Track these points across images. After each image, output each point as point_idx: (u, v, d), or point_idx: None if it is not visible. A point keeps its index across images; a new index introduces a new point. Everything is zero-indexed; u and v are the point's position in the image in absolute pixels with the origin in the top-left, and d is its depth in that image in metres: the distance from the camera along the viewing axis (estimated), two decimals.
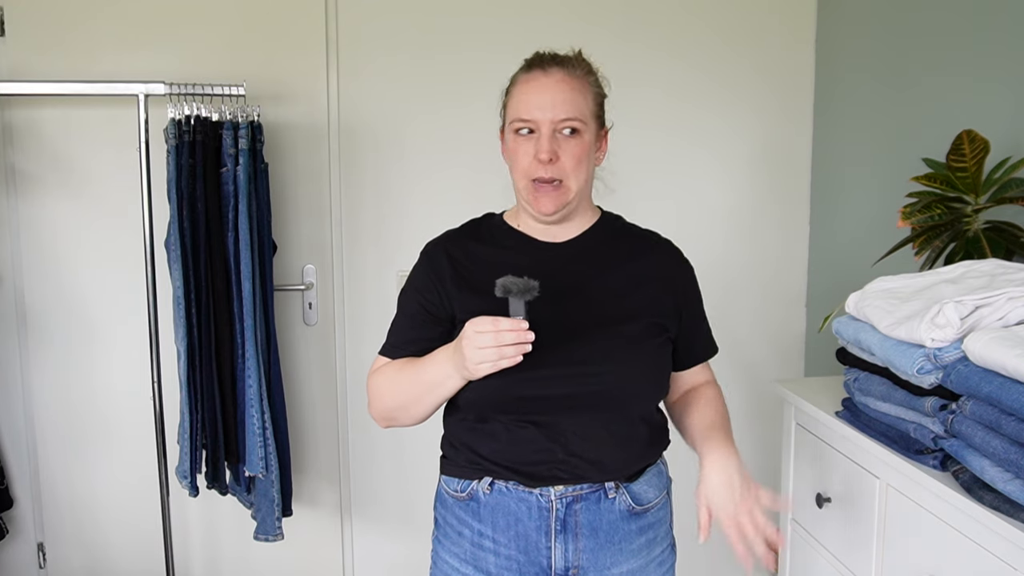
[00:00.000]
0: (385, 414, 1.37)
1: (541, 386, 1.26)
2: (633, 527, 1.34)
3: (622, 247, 1.39)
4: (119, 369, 2.44)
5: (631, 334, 1.30)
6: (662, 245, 1.43)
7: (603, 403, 1.28)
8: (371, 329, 2.55)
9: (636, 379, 1.30)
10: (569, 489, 1.29)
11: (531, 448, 1.29)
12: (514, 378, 1.21)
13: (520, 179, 1.32)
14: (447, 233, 1.45)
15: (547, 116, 1.27)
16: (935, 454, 1.32)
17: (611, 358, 1.28)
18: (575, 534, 1.31)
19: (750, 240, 2.64)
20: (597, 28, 2.47)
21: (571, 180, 1.30)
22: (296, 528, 2.48)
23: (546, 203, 1.30)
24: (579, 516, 1.30)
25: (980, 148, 1.60)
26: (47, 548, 2.51)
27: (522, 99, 1.30)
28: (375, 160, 2.49)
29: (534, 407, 1.27)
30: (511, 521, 1.31)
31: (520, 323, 1.15)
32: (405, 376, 1.33)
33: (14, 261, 2.39)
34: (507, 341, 1.14)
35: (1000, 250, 1.55)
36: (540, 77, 1.30)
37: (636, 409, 1.33)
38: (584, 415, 1.28)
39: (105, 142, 2.35)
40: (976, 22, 1.89)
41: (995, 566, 1.16)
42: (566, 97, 1.28)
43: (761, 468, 2.70)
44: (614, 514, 1.32)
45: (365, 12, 2.43)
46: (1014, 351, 1.12)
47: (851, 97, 2.41)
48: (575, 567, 1.32)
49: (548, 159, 1.27)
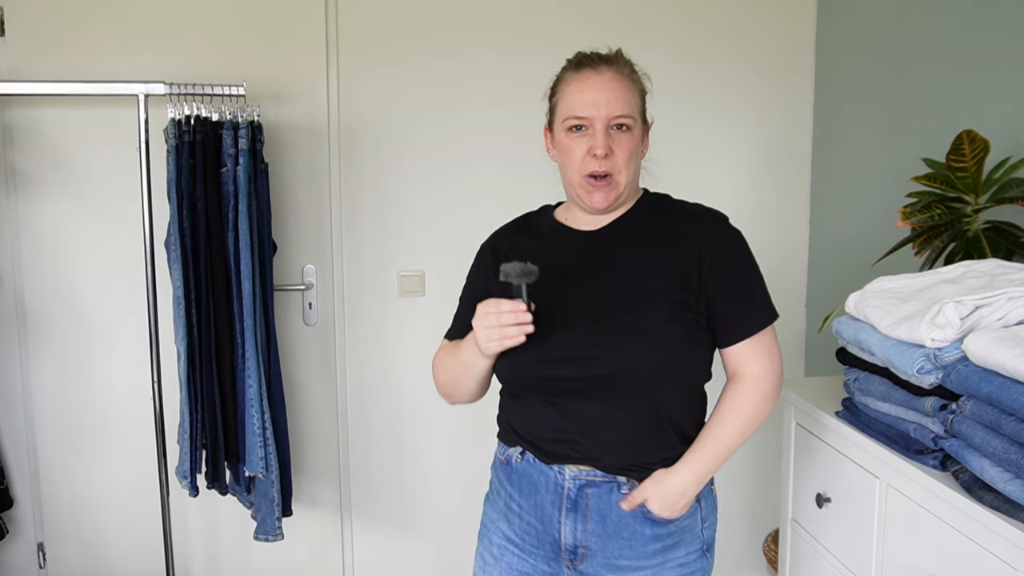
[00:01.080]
0: (444, 391, 1.49)
1: (553, 367, 1.32)
2: (647, 532, 1.34)
3: (654, 226, 1.40)
4: (119, 369, 2.45)
5: (644, 319, 1.30)
6: (694, 214, 1.42)
7: (611, 388, 1.31)
8: (371, 329, 2.55)
9: (644, 365, 1.29)
10: (583, 473, 1.34)
11: (549, 427, 1.35)
12: (528, 359, 1.31)
13: (574, 174, 1.36)
14: (503, 226, 1.53)
15: (601, 113, 1.32)
16: (935, 454, 1.32)
17: (616, 343, 1.30)
18: (584, 515, 1.35)
19: (750, 240, 2.61)
20: (597, 30, 2.47)
21: (622, 174, 1.35)
22: (296, 528, 2.48)
23: (598, 199, 1.35)
24: (590, 500, 1.35)
25: (980, 148, 1.60)
26: (47, 548, 2.51)
27: (576, 97, 1.34)
28: (375, 160, 2.49)
29: (551, 388, 1.34)
30: (532, 490, 1.39)
31: (518, 305, 1.24)
32: (450, 357, 1.45)
33: (14, 261, 2.39)
34: (507, 322, 1.24)
35: (1000, 250, 1.55)
36: (592, 76, 1.34)
37: (653, 397, 1.32)
38: (595, 398, 1.32)
39: (105, 142, 2.35)
40: (976, 22, 1.89)
41: (995, 566, 1.16)
42: (618, 95, 1.34)
43: (761, 468, 2.70)
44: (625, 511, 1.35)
45: (365, 12, 2.43)
46: (1014, 351, 1.12)
47: (851, 97, 2.41)
48: (583, 546, 1.36)
49: (604, 154, 1.32)
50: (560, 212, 1.48)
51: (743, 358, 1.37)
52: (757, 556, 2.74)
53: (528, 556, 1.41)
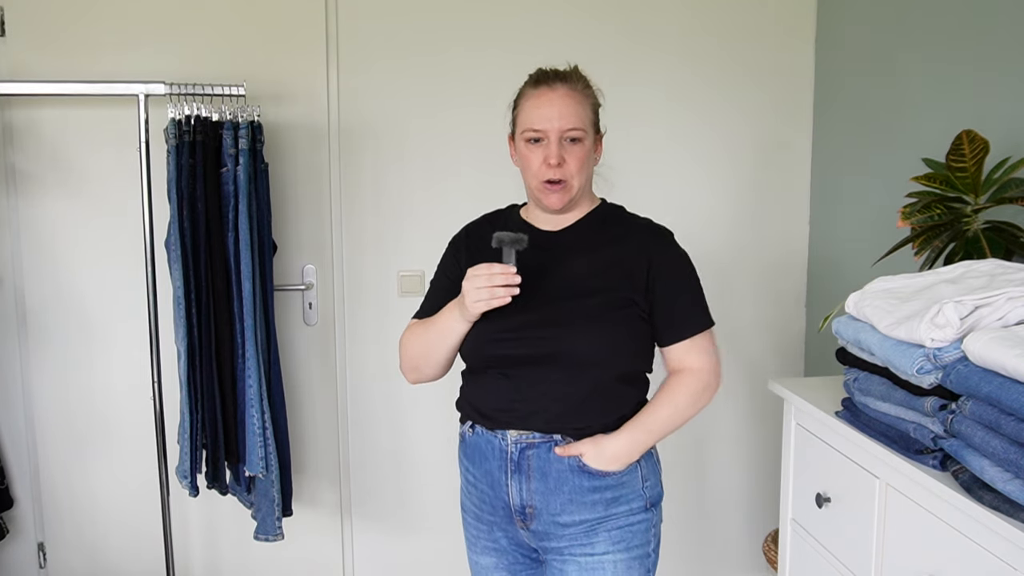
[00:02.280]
0: (411, 364, 1.62)
1: (507, 346, 1.49)
2: (585, 483, 1.48)
3: (608, 232, 1.56)
4: (119, 369, 2.45)
5: (587, 305, 1.47)
6: (645, 228, 1.58)
7: (553, 362, 1.47)
8: (371, 329, 2.55)
9: (584, 343, 1.46)
10: (523, 436, 1.50)
11: (496, 396, 1.52)
12: (487, 337, 1.50)
13: (532, 180, 1.52)
14: (475, 220, 1.69)
15: (554, 126, 1.48)
16: (935, 454, 1.32)
17: (561, 324, 1.47)
18: (527, 476, 1.50)
19: (750, 240, 2.64)
20: (597, 28, 2.48)
21: (574, 180, 1.51)
22: (296, 528, 2.48)
23: (554, 200, 1.51)
24: (531, 461, 1.50)
25: (980, 148, 1.60)
26: (47, 548, 2.51)
27: (532, 112, 1.50)
28: (375, 160, 2.49)
29: (504, 363, 1.51)
30: (481, 459, 1.55)
31: (510, 268, 1.40)
32: (424, 328, 1.59)
33: (14, 261, 2.39)
34: (498, 282, 1.39)
35: (1000, 250, 1.55)
36: (547, 92, 1.50)
37: (593, 372, 1.48)
38: (538, 371, 1.48)
39: (105, 142, 2.35)
40: (976, 22, 1.89)
41: (995, 566, 1.16)
42: (570, 110, 1.49)
43: (761, 468, 2.70)
44: (562, 464, 1.48)
45: (365, 12, 2.43)
46: (1014, 351, 1.12)
47: (851, 97, 2.41)
48: (530, 505, 1.51)
49: (557, 163, 1.48)
50: (525, 211, 1.64)
51: (681, 355, 1.53)
52: (757, 556, 2.74)
53: (490, 526, 1.58)
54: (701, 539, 2.76)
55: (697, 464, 2.71)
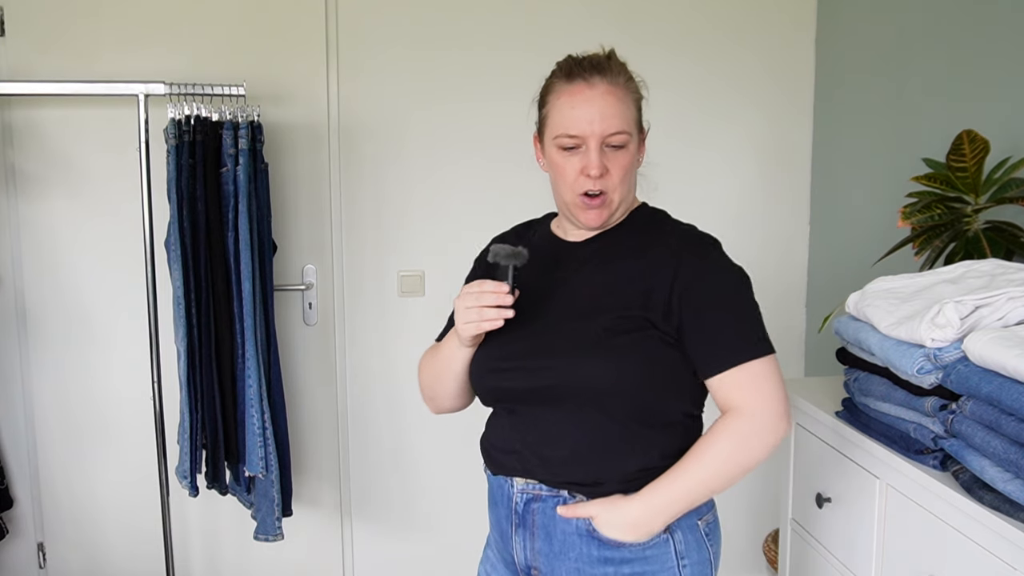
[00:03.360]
0: (427, 393, 1.44)
1: (506, 377, 1.28)
2: (594, 553, 1.24)
3: (637, 244, 1.31)
4: (119, 369, 2.44)
5: (590, 327, 1.23)
6: (678, 236, 1.31)
7: (555, 398, 1.24)
8: (371, 329, 2.55)
9: (584, 374, 1.22)
10: (529, 486, 1.28)
11: (500, 435, 1.33)
12: (485, 367, 1.30)
13: (567, 192, 1.28)
14: (504, 232, 1.48)
15: (595, 130, 1.24)
16: (935, 454, 1.32)
17: (557, 351, 1.24)
18: (532, 532, 1.29)
19: (750, 240, 2.63)
20: (596, 27, 2.47)
21: (616, 192, 1.28)
22: (296, 528, 2.48)
23: (592, 217, 1.28)
24: (536, 516, 1.28)
25: (980, 148, 1.60)
26: (47, 548, 2.51)
27: (568, 113, 1.25)
28: (375, 160, 2.49)
29: (508, 397, 1.30)
30: (493, 504, 1.37)
31: (501, 287, 1.19)
32: (433, 353, 1.42)
33: (14, 261, 2.38)
34: (487, 302, 1.19)
35: (1000, 250, 1.55)
36: (585, 89, 1.25)
37: (599, 409, 1.23)
38: (541, 409, 1.26)
39: (105, 142, 2.35)
40: (976, 22, 1.89)
41: (995, 566, 1.16)
42: (614, 111, 1.25)
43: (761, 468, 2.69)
44: (569, 527, 1.25)
45: (365, 12, 2.43)
46: (1014, 351, 1.12)
47: (851, 96, 2.41)
48: (535, 567, 1.30)
49: (599, 174, 1.25)
50: (555, 222, 1.42)
51: (727, 392, 1.24)
52: (757, 556, 2.74)
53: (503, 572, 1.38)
54: None
55: None
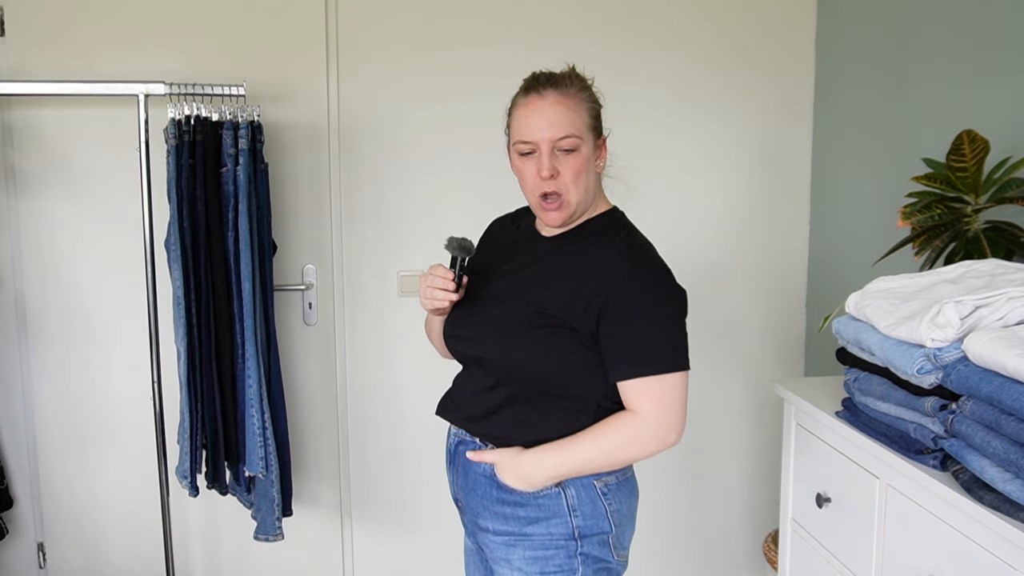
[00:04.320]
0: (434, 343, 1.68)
1: (455, 342, 1.54)
2: (494, 494, 1.46)
3: (582, 248, 1.44)
4: (119, 369, 2.44)
5: (513, 314, 1.43)
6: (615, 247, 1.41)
7: (479, 365, 1.50)
8: (371, 329, 2.55)
9: (496, 352, 1.45)
10: (459, 432, 1.55)
11: (453, 388, 1.59)
12: (445, 332, 1.56)
13: (529, 195, 1.46)
14: (507, 214, 1.67)
15: (545, 136, 1.38)
16: (935, 454, 1.32)
17: (484, 328, 1.47)
18: (456, 470, 1.55)
19: (750, 240, 2.64)
20: (596, 28, 2.48)
21: (571, 193, 1.41)
22: (296, 528, 2.48)
23: (553, 218, 1.44)
24: (461, 456, 1.53)
25: (980, 148, 1.60)
26: (47, 548, 2.51)
27: (522, 122, 1.41)
28: (375, 160, 2.49)
29: (457, 357, 1.57)
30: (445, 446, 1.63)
31: (448, 274, 1.42)
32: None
33: (14, 261, 2.38)
34: (435, 285, 1.42)
35: (1000, 250, 1.55)
36: (536, 100, 1.40)
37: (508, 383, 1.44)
38: (473, 372, 1.53)
39: (105, 142, 2.35)
40: (976, 21, 1.89)
41: (995, 566, 1.16)
42: (561, 118, 1.38)
43: (761, 468, 2.70)
44: (480, 468, 1.49)
45: (365, 12, 2.43)
46: (1014, 351, 1.12)
47: (851, 97, 2.41)
48: (460, 499, 1.57)
49: (549, 175, 1.39)
50: None
51: (630, 396, 1.37)
52: (757, 556, 2.74)
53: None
54: (701, 539, 2.76)
55: (697, 464, 2.71)
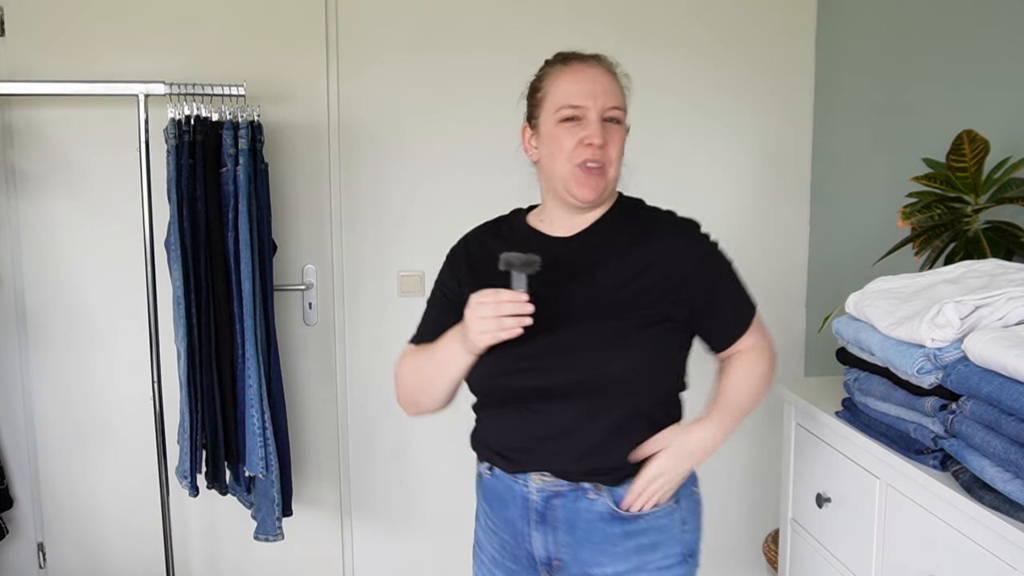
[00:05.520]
0: (408, 398, 1.43)
1: (524, 377, 1.29)
2: (617, 530, 1.31)
3: (629, 234, 1.36)
4: (119, 369, 2.44)
5: (618, 324, 1.28)
6: (673, 227, 1.38)
7: (584, 393, 1.28)
8: (371, 329, 2.55)
9: (616, 374, 1.27)
10: (548, 484, 1.31)
11: (514, 434, 1.34)
12: (500, 366, 1.29)
13: (565, 165, 1.32)
14: (476, 228, 1.49)
15: (597, 103, 1.30)
16: (935, 454, 1.32)
17: (591, 347, 1.27)
18: (553, 527, 1.33)
19: (750, 240, 2.64)
20: (596, 29, 2.47)
21: (612, 168, 1.33)
22: (296, 528, 2.48)
23: (590, 188, 1.31)
24: (557, 511, 1.32)
25: (980, 148, 1.60)
26: (47, 548, 2.51)
27: (570, 87, 1.31)
28: (375, 160, 2.49)
29: (523, 396, 1.31)
30: (501, 505, 1.38)
31: (520, 295, 1.20)
32: (422, 358, 1.39)
33: (14, 261, 2.38)
34: (506, 312, 1.19)
35: (1000, 250, 1.55)
36: (584, 68, 1.33)
37: (627, 402, 1.29)
38: (566, 405, 1.29)
39: (105, 142, 2.35)
40: (976, 22, 1.89)
41: (995, 566, 1.16)
42: (612, 88, 1.33)
43: (761, 468, 2.70)
44: (593, 515, 1.31)
45: (365, 12, 2.43)
46: (1014, 351, 1.12)
47: (851, 97, 2.41)
48: (557, 558, 1.34)
49: (601, 143, 1.29)
50: (533, 217, 1.44)
51: (738, 345, 1.38)
52: (757, 556, 2.74)
53: (510, 574, 1.40)
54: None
55: None
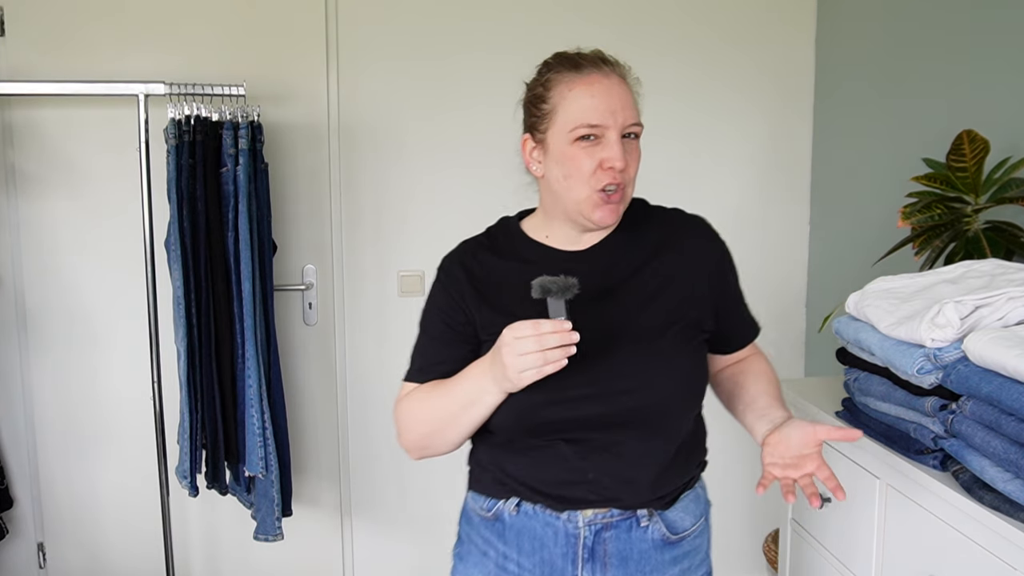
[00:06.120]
0: (418, 443, 1.27)
1: (570, 408, 1.18)
2: (667, 557, 1.26)
3: (648, 240, 1.27)
4: (119, 369, 2.44)
5: (664, 344, 1.20)
6: (689, 226, 1.31)
7: (638, 421, 1.20)
8: (371, 329, 2.55)
9: (672, 394, 1.21)
10: (599, 516, 1.22)
11: (560, 468, 1.21)
12: (541, 401, 1.16)
13: (581, 189, 1.19)
14: (463, 244, 1.33)
15: (617, 121, 1.17)
16: (935, 454, 1.32)
17: (644, 373, 1.19)
18: (603, 563, 1.23)
19: (750, 240, 2.63)
20: (596, 30, 2.47)
21: (630, 187, 1.22)
22: (296, 528, 2.48)
23: (608, 214, 1.20)
24: (608, 545, 1.23)
25: (980, 148, 1.60)
26: (47, 548, 2.51)
27: (587, 103, 1.17)
28: (375, 160, 2.49)
29: (569, 427, 1.20)
30: (536, 546, 1.24)
31: (563, 324, 1.07)
32: (437, 398, 1.23)
33: (14, 261, 2.38)
34: (550, 344, 1.05)
35: (1000, 250, 1.55)
36: (601, 78, 1.19)
37: (674, 425, 1.24)
38: (618, 434, 1.20)
39: (105, 142, 2.35)
40: (976, 22, 1.89)
41: (995, 566, 1.16)
42: (629, 99, 1.20)
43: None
44: (646, 543, 1.24)
45: (365, 12, 2.43)
46: (1014, 351, 1.12)
47: (851, 97, 2.41)
48: None
49: (624, 167, 1.17)
50: (530, 228, 1.31)
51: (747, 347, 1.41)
52: (757, 556, 2.74)
53: None
54: None
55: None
